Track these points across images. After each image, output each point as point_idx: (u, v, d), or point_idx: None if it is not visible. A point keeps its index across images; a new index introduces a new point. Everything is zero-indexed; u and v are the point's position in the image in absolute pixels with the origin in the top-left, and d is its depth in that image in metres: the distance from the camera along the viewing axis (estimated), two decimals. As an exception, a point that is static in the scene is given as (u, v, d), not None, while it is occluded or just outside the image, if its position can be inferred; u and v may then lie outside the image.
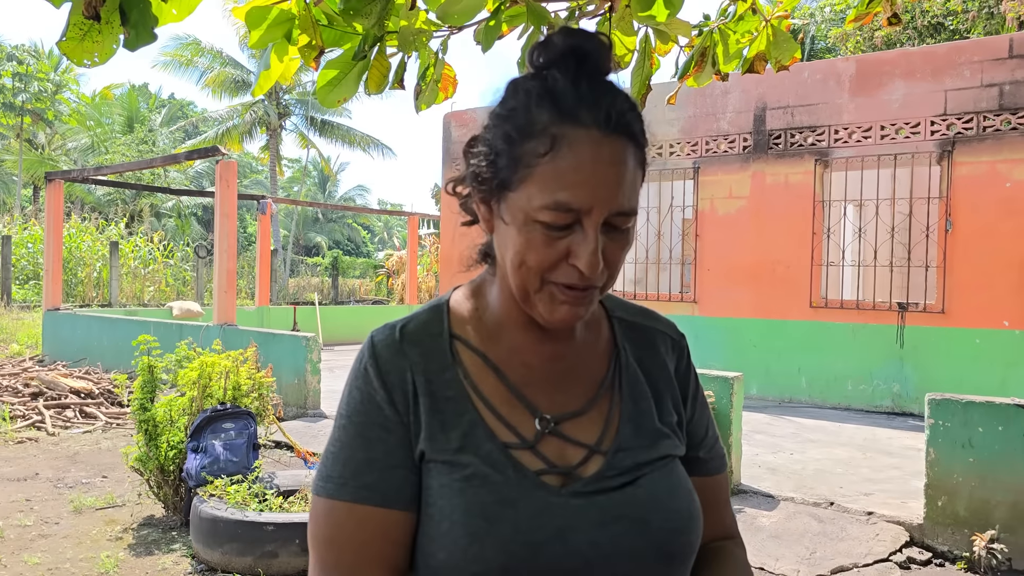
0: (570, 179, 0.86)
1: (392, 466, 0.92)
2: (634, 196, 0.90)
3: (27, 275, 21.28)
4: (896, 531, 4.59)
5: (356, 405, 0.95)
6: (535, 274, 0.89)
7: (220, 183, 9.31)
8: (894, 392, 8.68)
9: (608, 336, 1.05)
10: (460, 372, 0.96)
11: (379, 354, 0.96)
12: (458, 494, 0.89)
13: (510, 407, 0.95)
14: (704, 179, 9.80)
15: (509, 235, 0.91)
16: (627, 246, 0.92)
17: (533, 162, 0.87)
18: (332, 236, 45.63)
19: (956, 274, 8.24)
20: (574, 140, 0.86)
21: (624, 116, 0.89)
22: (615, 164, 0.87)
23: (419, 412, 0.93)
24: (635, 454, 0.96)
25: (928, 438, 4.45)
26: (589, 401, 0.98)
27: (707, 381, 5.37)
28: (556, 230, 0.87)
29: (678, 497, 0.96)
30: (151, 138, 34.91)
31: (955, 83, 8.19)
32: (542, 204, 0.86)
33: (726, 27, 2.36)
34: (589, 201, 0.86)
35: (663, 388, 1.04)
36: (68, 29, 1.41)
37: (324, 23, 1.85)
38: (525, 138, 0.88)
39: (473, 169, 0.95)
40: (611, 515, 0.91)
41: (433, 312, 1.01)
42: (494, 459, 0.91)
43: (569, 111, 0.87)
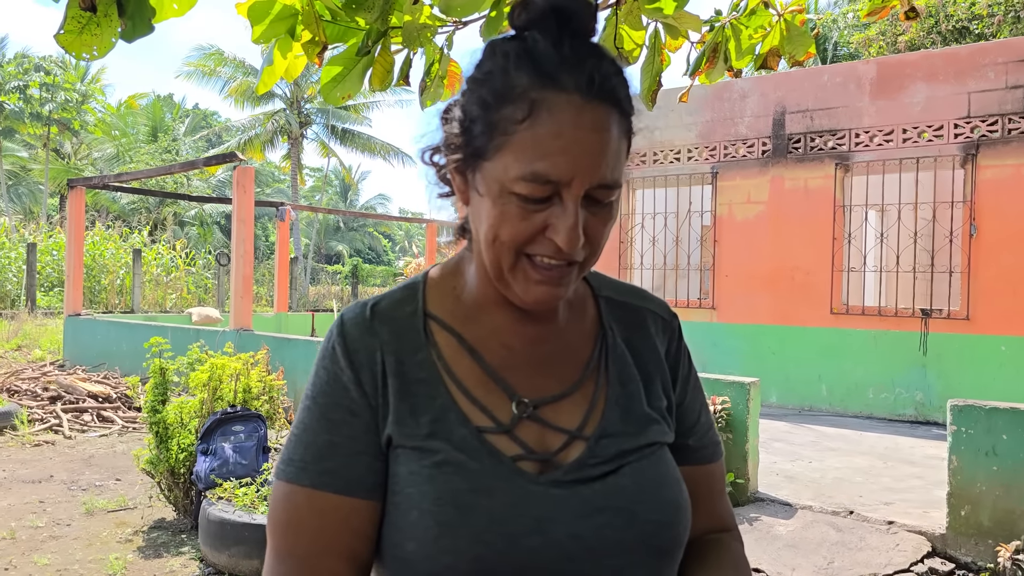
0: (549, 148, 0.79)
1: (356, 452, 0.86)
2: (618, 167, 0.84)
3: (52, 282, 21.52)
4: (918, 541, 4.47)
5: (321, 385, 0.90)
6: (509, 249, 0.83)
7: (237, 188, 9.35)
8: (917, 400, 8.51)
9: (594, 316, 0.99)
10: (433, 353, 0.90)
11: (347, 332, 0.91)
12: (428, 481, 0.83)
13: (486, 390, 0.89)
14: (722, 184, 9.70)
15: (483, 207, 0.85)
16: (610, 221, 0.86)
17: (509, 129, 0.81)
18: (353, 244, 45.86)
19: (981, 280, 8.07)
20: (554, 106, 0.80)
21: (609, 81, 0.82)
22: (598, 132, 0.81)
23: (388, 394, 0.88)
24: (620, 441, 0.90)
25: (951, 445, 4.33)
26: (573, 384, 0.92)
27: (723, 387, 5.27)
28: (533, 203, 0.81)
29: (666, 487, 0.90)
30: (174, 147, 35.28)
31: (979, 85, 8.05)
32: (518, 174, 0.80)
33: (738, 22, 2.30)
34: (569, 172, 0.79)
35: (653, 370, 0.98)
36: (66, 22, 1.39)
37: (327, 18, 1.82)
38: (501, 103, 0.82)
39: (447, 137, 0.89)
40: (594, 506, 0.85)
41: (408, 290, 0.95)
42: (467, 445, 0.85)
43: (549, 74, 0.81)
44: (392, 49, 1.90)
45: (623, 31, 2.16)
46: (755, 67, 2.37)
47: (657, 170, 10.17)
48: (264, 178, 39.97)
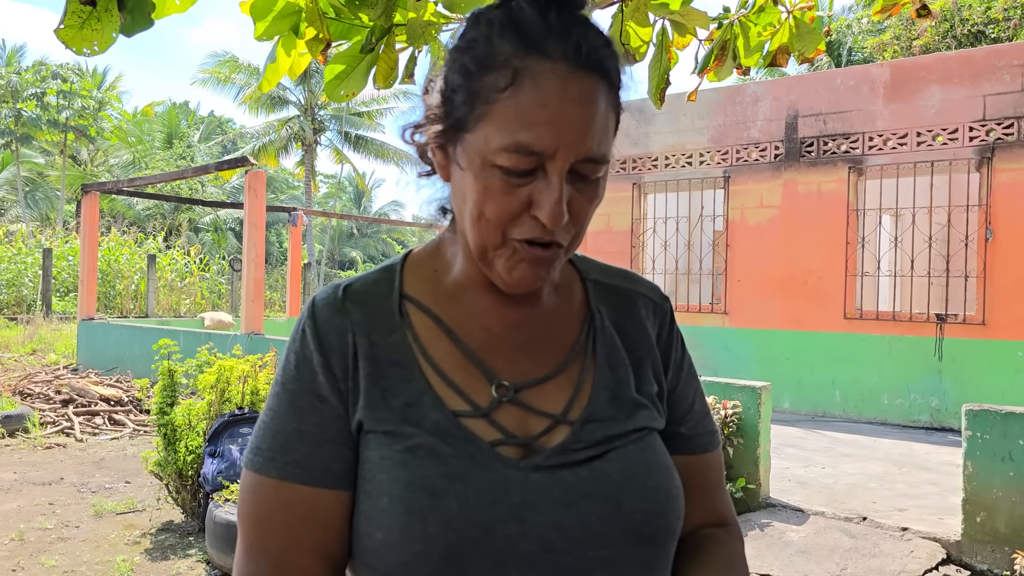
0: (532, 117, 0.76)
1: (323, 440, 0.83)
2: (605, 141, 0.80)
3: (67, 287, 21.68)
4: (932, 548, 4.40)
5: (291, 371, 0.86)
6: (495, 228, 0.80)
7: (248, 193, 9.38)
8: (932, 406, 8.41)
9: (581, 299, 0.95)
10: (409, 335, 0.87)
11: (318, 314, 0.87)
12: (400, 466, 0.80)
13: (464, 373, 0.85)
14: (735, 188, 9.65)
15: (466, 182, 0.81)
16: (596, 199, 0.82)
17: (492, 98, 0.78)
18: (367, 251, 45.98)
19: (997, 284, 7.97)
20: (538, 74, 0.77)
21: (596, 51, 0.79)
22: (584, 103, 0.77)
23: (358, 378, 0.84)
24: (607, 426, 0.86)
25: (966, 451, 4.27)
26: (557, 367, 0.88)
27: (734, 391, 5.22)
28: (516, 176, 0.78)
29: (655, 474, 0.85)
30: (189, 154, 35.53)
31: (994, 88, 7.97)
32: (501, 145, 0.77)
33: (747, 19, 2.28)
34: (553, 143, 0.76)
35: (643, 355, 0.94)
36: (66, 17, 1.38)
37: (331, 15, 1.81)
38: (484, 71, 0.79)
39: (427, 110, 0.86)
40: (577, 493, 0.81)
41: (384, 271, 0.92)
42: (441, 429, 0.81)
43: (534, 42, 0.78)
44: (396, 47, 1.88)
45: (630, 28, 2.13)
46: (764, 64, 2.34)
47: (669, 174, 10.13)
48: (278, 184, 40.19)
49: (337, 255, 43.84)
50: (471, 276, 0.89)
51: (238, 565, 0.85)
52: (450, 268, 0.91)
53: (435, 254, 0.93)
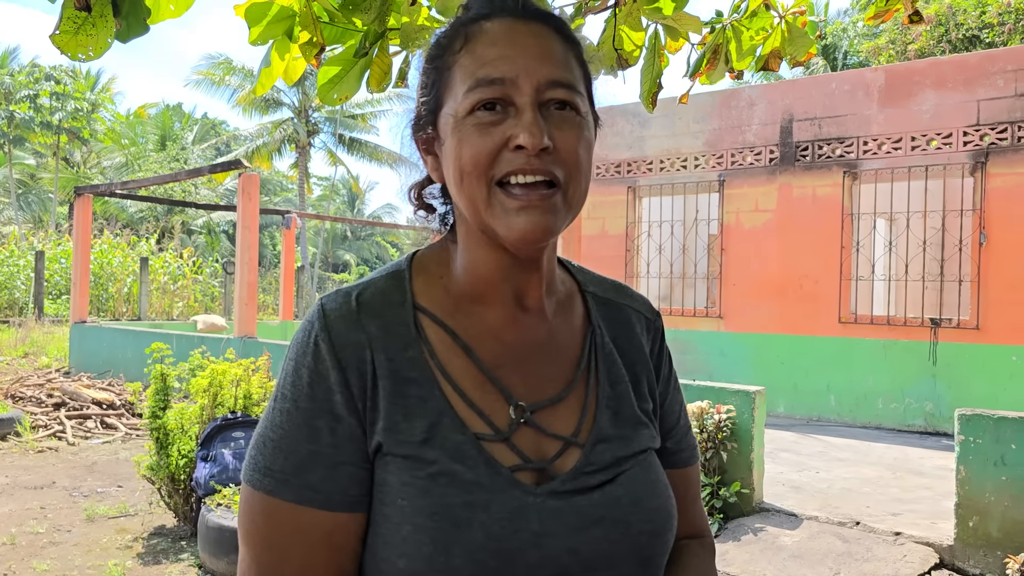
0: (487, 55, 0.80)
1: (339, 463, 0.80)
2: (567, 71, 0.82)
3: (60, 290, 21.59)
4: (925, 552, 4.40)
5: (303, 388, 0.81)
6: (478, 178, 0.79)
7: (242, 195, 9.35)
8: (927, 411, 8.42)
9: (582, 313, 0.96)
10: (426, 350, 0.84)
11: (332, 327, 0.82)
12: (422, 494, 0.78)
13: (482, 392, 0.84)
14: (730, 192, 9.66)
15: (448, 153, 0.82)
16: (581, 134, 0.82)
17: (449, 62, 0.83)
18: (360, 254, 45.91)
19: (991, 289, 7.99)
20: (487, 27, 0.82)
21: (539, 9, 0.84)
22: (535, 36, 0.81)
23: (377, 397, 0.81)
24: (614, 447, 0.87)
25: (958, 455, 4.27)
26: (566, 386, 0.89)
27: (728, 395, 5.22)
28: (488, 113, 0.79)
29: (657, 495, 0.88)
30: (183, 156, 35.46)
31: (988, 93, 7.99)
32: (464, 90, 0.80)
33: (739, 23, 2.28)
34: (511, 69, 0.79)
35: (639, 371, 0.95)
36: (61, 23, 1.38)
37: (325, 20, 1.80)
38: (440, 51, 0.85)
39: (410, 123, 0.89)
40: (590, 518, 0.82)
41: (393, 279, 0.88)
42: (464, 453, 0.80)
43: (480, 10, 0.84)
44: (390, 51, 1.88)
45: (622, 32, 2.13)
46: (756, 68, 2.34)
47: (664, 178, 10.14)
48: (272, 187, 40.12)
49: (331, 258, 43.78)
50: (478, 285, 0.87)
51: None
52: (456, 276, 0.89)
53: (440, 261, 0.91)
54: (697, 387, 5.39)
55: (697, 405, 5.09)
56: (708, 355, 9.66)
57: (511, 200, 0.79)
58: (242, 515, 0.83)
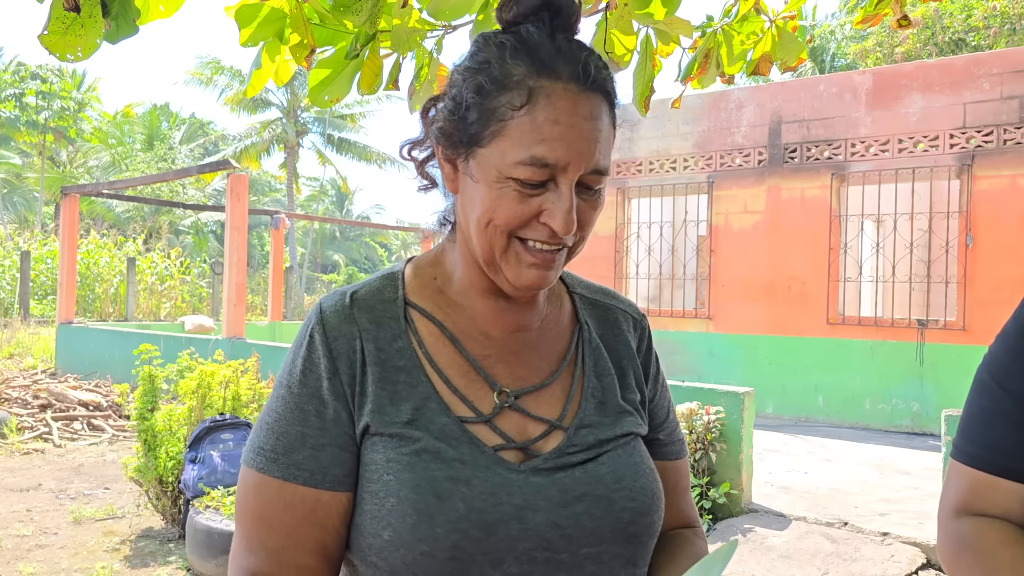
0: (547, 133, 0.82)
1: (324, 444, 0.86)
2: (608, 155, 0.88)
3: (46, 290, 21.43)
4: (912, 552, 4.43)
5: (297, 375, 0.88)
6: (502, 233, 0.85)
7: (231, 196, 9.31)
8: (914, 411, 8.48)
9: (570, 311, 1.02)
10: (414, 341, 0.91)
11: (326, 320, 0.90)
12: (407, 469, 0.84)
13: (467, 380, 0.90)
14: (718, 194, 9.69)
15: (477, 194, 0.86)
16: (599, 208, 0.89)
17: (508, 115, 0.84)
18: (349, 254, 45.81)
19: (977, 290, 8.05)
20: (552, 93, 0.84)
21: (600, 72, 0.87)
22: (592, 119, 0.85)
23: (366, 383, 0.87)
24: (597, 431, 0.92)
25: (945, 456, 4.29)
26: (552, 375, 0.94)
27: (717, 396, 5.24)
28: (530, 187, 0.83)
29: (641, 475, 0.92)
30: (170, 156, 35.28)
31: (974, 96, 8.05)
32: (517, 160, 0.83)
33: (730, 28, 2.28)
34: (566, 157, 0.83)
35: (626, 365, 1.01)
36: (50, 23, 1.37)
37: (315, 22, 1.80)
38: (500, 90, 0.85)
39: (438, 125, 0.90)
40: (573, 494, 0.87)
41: (387, 279, 0.95)
42: (448, 433, 0.85)
43: (547, 64, 0.84)
44: (381, 53, 1.88)
45: (614, 36, 2.13)
46: (747, 73, 2.35)
47: (653, 179, 10.16)
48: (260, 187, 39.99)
49: (319, 258, 43.65)
50: (472, 283, 0.93)
51: (237, 559, 0.88)
52: (451, 276, 0.95)
53: (435, 262, 0.97)
54: (686, 388, 5.40)
55: (686, 406, 5.11)
56: (697, 356, 9.69)
57: (528, 255, 0.86)
58: (237, 492, 0.90)
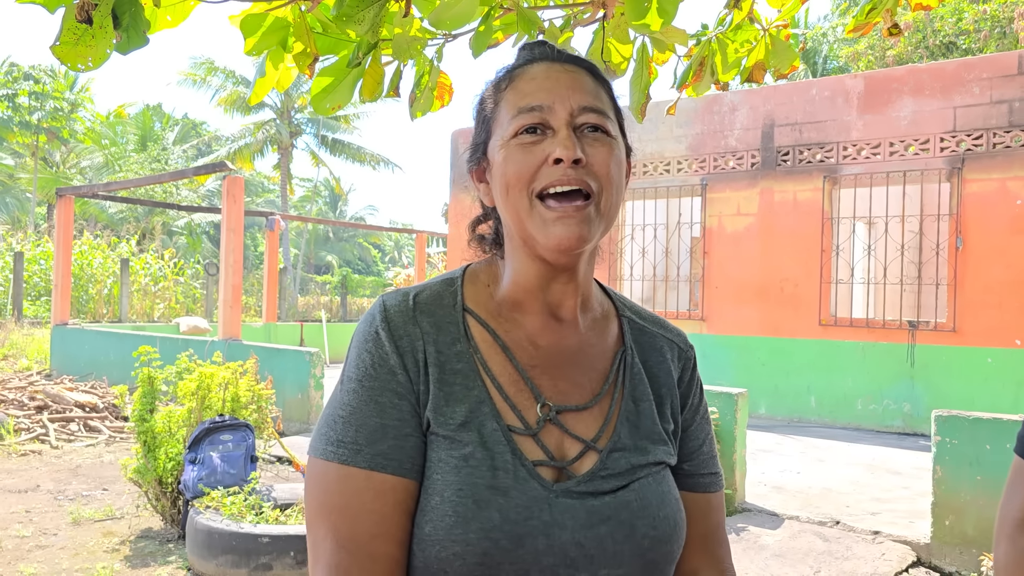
0: (528, 89, 0.94)
1: (405, 434, 0.89)
2: (600, 100, 0.94)
3: (39, 291, 21.37)
4: (903, 551, 4.50)
5: (367, 369, 0.91)
6: (520, 190, 0.90)
7: (227, 198, 9.34)
8: (905, 412, 8.56)
9: (616, 334, 1.03)
10: (471, 346, 0.94)
11: (391, 319, 0.93)
12: (453, 471, 0.87)
13: (516, 389, 0.93)
14: (712, 196, 9.77)
15: (497, 173, 0.94)
16: (612, 148, 0.93)
17: (498, 99, 0.96)
18: (343, 255, 45.76)
19: (967, 292, 8.14)
20: (527, 69, 0.96)
21: (574, 55, 0.98)
22: (569, 72, 0.95)
23: (428, 382, 0.91)
24: (630, 456, 0.94)
25: (935, 456, 4.37)
26: (593, 396, 0.96)
27: (711, 397, 5.30)
28: (529, 136, 0.91)
29: (666, 505, 0.94)
30: (164, 157, 35.17)
31: (964, 100, 8.15)
32: (509, 119, 0.93)
33: (724, 36, 2.33)
34: (549, 98, 0.92)
35: (665, 393, 1.02)
36: (62, 34, 1.41)
37: (318, 30, 1.84)
38: (492, 92, 0.98)
39: (466, 157, 1.01)
40: (599, 517, 0.89)
41: (446, 284, 0.99)
42: (495, 440, 0.89)
43: (523, 58, 0.99)
44: (383, 61, 1.92)
45: (611, 44, 2.19)
46: (741, 80, 2.40)
47: (647, 182, 10.23)
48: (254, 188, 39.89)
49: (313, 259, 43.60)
50: (520, 295, 0.97)
51: (324, 557, 0.87)
52: (502, 286, 0.99)
53: (489, 271, 1.02)
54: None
55: (680, 407, 5.16)
56: (690, 357, 9.76)
57: (549, 212, 0.90)
58: (314, 489, 0.90)
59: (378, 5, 1.77)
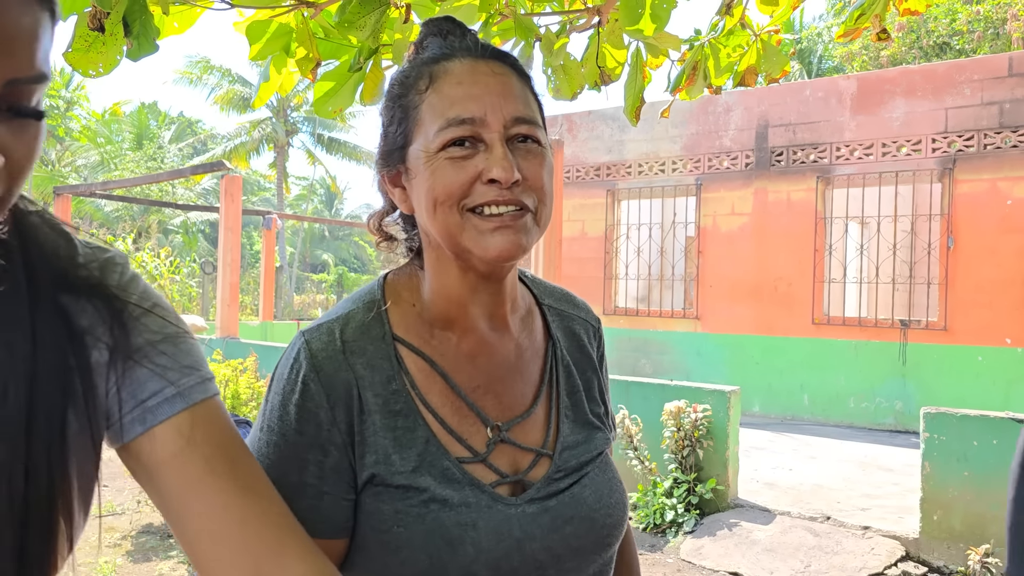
0: (455, 95, 0.86)
1: (323, 493, 0.85)
2: (529, 107, 0.88)
3: (35, 290, 21.32)
4: (892, 545, 4.58)
5: (291, 422, 0.85)
6: (451, 207, 0.85)
7: (225, 197, 9.40)
8: (896, 410, 8.65)
9: (542, 328, 1.03)
10: (407, 381, 0.90)
11: (320, 366, 0.87)
12: (417, 520, 0.85)
13: (460, 417, 0.91)
14: (706, 196, 9.84)
15: (420, 186, 0.87)
16: (543, 159, 0.88)
17: (418, 102, 0.88)
18: (338, 254, 45.76)
19: (958, 291, 8.23)
20: (449, 67, 0.88)
21: (495, 49, 0.91)
22: (496, 75, 0.88)
23: (364, 431, 0.86)
24: (578, 452, 0.96)
25: (923, 452, 4.45)
26: (534, 401, 0.97)
27: (704, 395, 5.37)
28: (459, 149, 0.84)
29: (615, 490, 0.98)
30: (160, 155, 35.14)
31: (956, 101, 8.23)
32: (436, 130, 0.85)
33: (716, 41, 2.40)
34: (480, 108, 0.85)
35: (591, 377, 1.04)
36: (74, 40, 1.47)
37: (321, 36, 1.90)
38: (405, 91, 0.90)
39: (375, 159, 0.95)
40: (562, 518, 0.92)
41: (369, 309, 0.93)
42: (451, 476, 0.87)
43: (442, 53, 0.90)
44: (383, 65, 1.99)
45: (605, 50, 2.25)
46: (734, 84, 2.47)
47: (642, 181, 10.31)
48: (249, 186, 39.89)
49: (308, 257, 43.60)
50: (447, 311, 0.93)
51: None
52: (426, 303, 0.94)
53: (410, 286, 0.96)
54: (674, 387, 5.54)
55: (675, 404, 5.24)
56: (685, 355, 9.85)
57: (485, 222, 0.84)
58: None
59: (379, 11, 1.83)
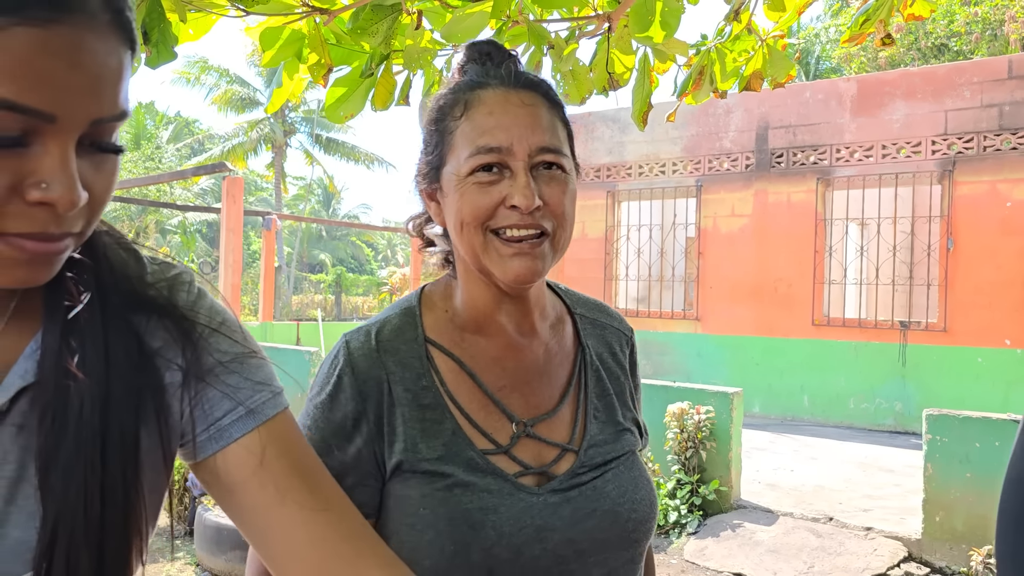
0: (485, 124, 0.92)
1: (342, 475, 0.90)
2: (556, 136, 0.95)
3: (33, 290, 21.31)
4: (894, 546, 4.61)
5: (325, 411, 0.94)
6: (476, 228, 0.92)
7: (226, 199, 9.41)
8: (896, 411, 8.68)
9: (572, 334, 1.08)
10: (436, 379, 0.97)
11: (356, 363, 0.95)
12: (442, 503, 0.90)
13: (486, 413, 0.97)
14: (707, 197, 9.87)
15: (450, 206, 0.95)
16: (567, 190, 0.94)
17: (453, 127, 0.95)
18: (336, 254, 45.72)
19: (957, 293, 8.27)
20: (483, 96, 0.95)
21: (528, 76, 0.97)
22: (526, 105, 0.94)
23: (395, 423, 0.93)
24: (604, 451, 1.00)
25: (926, 454, 4.48)
26: (560, 401, 1.02)
27: (707, 396, 5.40)
28: (486, 174, 0.91)
29: (641, 487, 1.00)
30: (157, 155, 35.10)
31: (955, 103, 8.27)
32: (467, 155, 0.92)
33: (723, 46, 2.42)
34: (507, 138, 0.91)
35: (623, 383, 1.09)
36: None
37: (333, 42, 1.92)
38: (444, 115, 0.97)
39: (416, 172, 1.02)
40: (584, 511, 0.95)
41: (406, 315, 1.01)
42: (475, 465, 0.93)
43: (478, 81, 0.97)
44: (394, 70, 2.01)
45: (614, 56, 2.27)
46: (739, 89, 2.49)
47: (643, 182, 10.33)
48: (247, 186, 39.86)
49: (306, 257, 43.57)
50: (479, 319, 1.01)
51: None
52: (459, 311, 1.02)
53: (444, 296, 1.04)
54: (677, 389, 5.57)
55: (677, 406, 5.27)
56: (685, 356, 9.87)
57: (505, 247, 0.92)
58: None
59: (391, 18, 1.85)
